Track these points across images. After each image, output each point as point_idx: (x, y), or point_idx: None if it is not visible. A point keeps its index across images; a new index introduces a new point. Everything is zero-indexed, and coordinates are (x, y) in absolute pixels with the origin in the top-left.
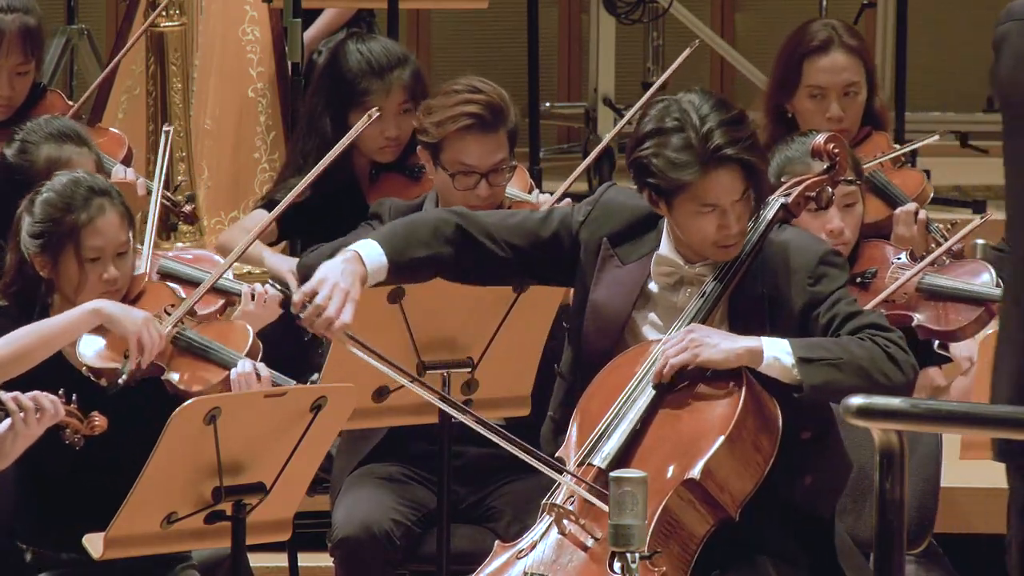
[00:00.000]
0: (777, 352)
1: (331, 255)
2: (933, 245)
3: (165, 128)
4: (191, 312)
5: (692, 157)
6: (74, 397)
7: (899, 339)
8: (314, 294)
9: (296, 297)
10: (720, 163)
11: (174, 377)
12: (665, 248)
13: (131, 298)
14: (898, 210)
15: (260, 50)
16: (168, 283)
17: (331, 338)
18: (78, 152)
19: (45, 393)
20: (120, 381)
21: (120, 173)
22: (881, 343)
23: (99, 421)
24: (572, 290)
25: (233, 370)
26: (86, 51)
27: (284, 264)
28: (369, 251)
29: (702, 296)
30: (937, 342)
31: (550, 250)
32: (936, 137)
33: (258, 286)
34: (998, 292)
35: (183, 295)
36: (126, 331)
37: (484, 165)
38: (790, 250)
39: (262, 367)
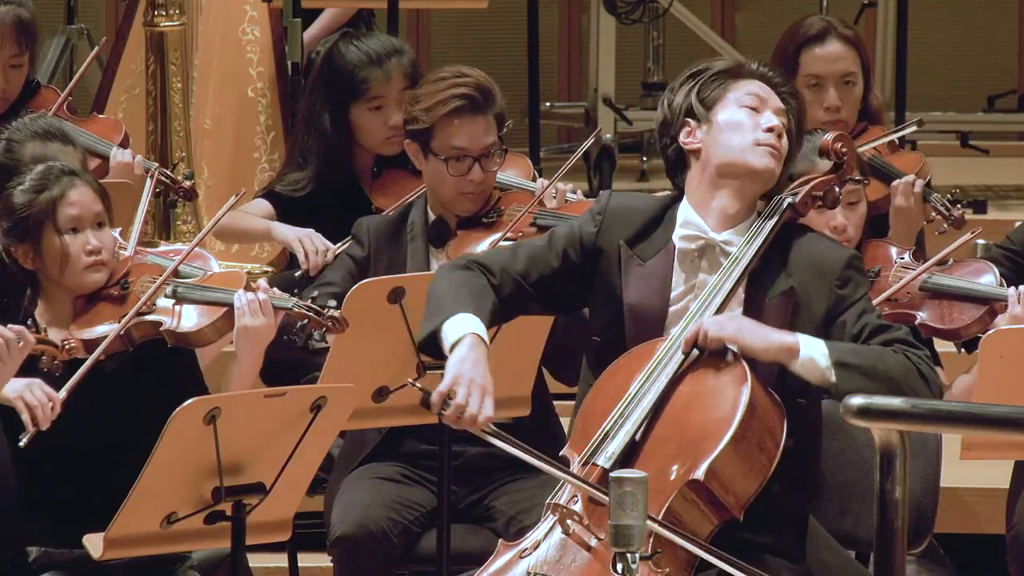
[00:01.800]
0: (813, 353)
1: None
2: (933, 214)
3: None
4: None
5: (742, 64)
6: (44, 326)
7: (927, 357)
8: (452, 393)
9: (434, 398)
10: (764, 80)
11: (171, 323)
12: (690, 212)
13: (117, 277)
14: (895, 182)
15: (260, 50)
16: (153, 263)
17: (475, 431)
18: (63, 150)
19: (10, 325)
20: (20, 444)
21: (119, 155)
22: (914, 359)
23: (75, 343)
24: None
25: (236, 296)
26: (85, 51)
27: (291, 233)
28: (475, 324)
29: (733, 261)
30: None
31: (563, 271)
32: (913, 127)
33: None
34: (1002, 291)
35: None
36: (9, 401)
37: (476, 147)
38: (817, 252)
39: (261, 294)
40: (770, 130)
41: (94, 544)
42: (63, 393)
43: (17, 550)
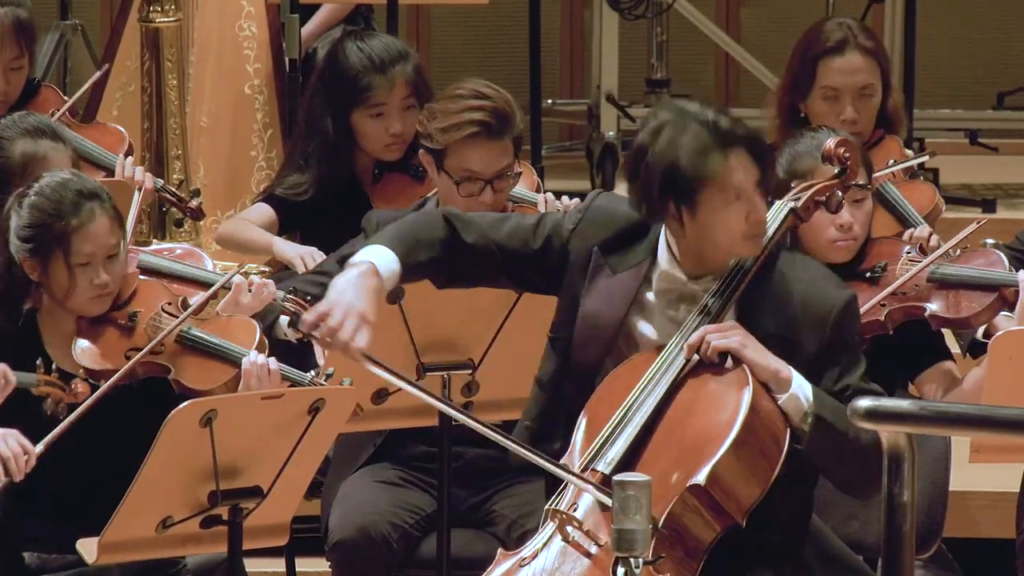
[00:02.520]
0: (799, 393)
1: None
2: None
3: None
4: (186, 307)
5: (711, 143)
6: (54, 367)
7: None
8: (327, 314)
9: (308, 317)
10: (734, 145)
11: (182, 376)
12: (665, 263)
13: (123, 299)
14: (907, 235)
15: (257, 46)
16: (162, 281)
17: (348, 357)
18: (53, 147)
19: None
20: None
21: (127, 170)
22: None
23: (82, 388)
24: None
25: (244, 359)
26: (80, 47)
27: (292, 251)
28: (382, 258)
29: (702, 311)
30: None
31: (539, 256)
32: (925, 157)
33: (255, 277)
34: (1012, 276)
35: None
36: None
37: (489, 172)
38: (811, 292)
39: (272, 361)
40: (757, 222)
41: (88, 549)
42: (40, 447)
43: (12, 555)
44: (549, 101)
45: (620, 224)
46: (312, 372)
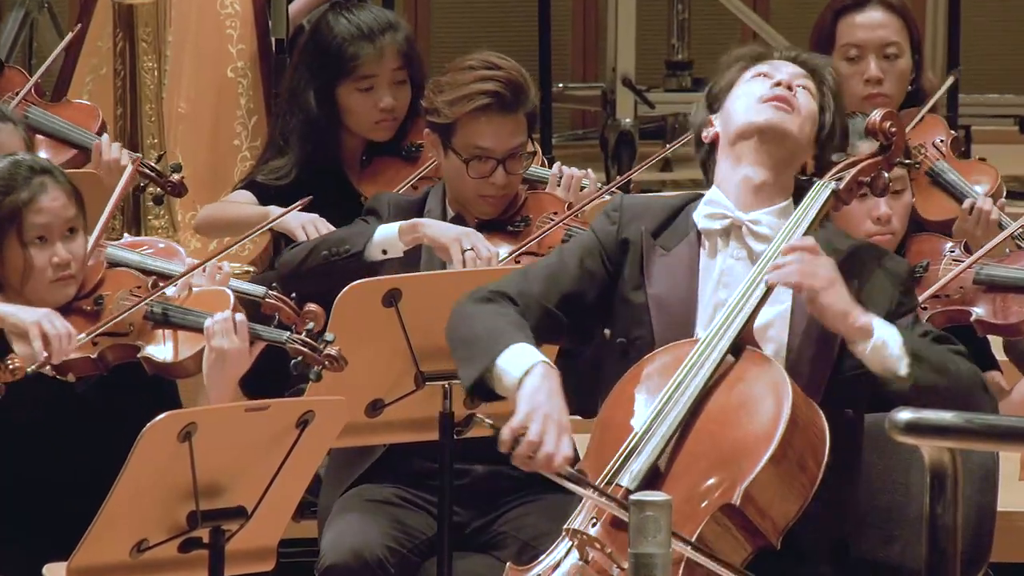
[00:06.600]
0: (887, 337)
1: (311, 252)
2: (1007, 250)
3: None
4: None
5: (769, 49)
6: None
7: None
8: (524, 429)
9: (505, 435)
10: (788, 59)
11: (152, 352)
12: (715, 192)
13: (89, 288)
14: (967, 203)
15: (240, 25)
16: (130, 269)
17: (549, 474)
18: (2, 128)
19: None
20: (29, 371)
21: (104, 150)
22: (979, 374)
23: (20, 363)
24: None
25: (208, 320)
26: (47, 25)
27: (294, 220)
28: (540, 354)
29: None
30: None
31: (584, 282)
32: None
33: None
34: None
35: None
36: (24, 326)
37: (501, 149)
38: (881, 255)
39: (239, 316)
40: (777, 84)
41: (56, 574)
42: (83, 337)
43: None
44: (560, 85)
45: (659, 207)
46: (288, 333)
